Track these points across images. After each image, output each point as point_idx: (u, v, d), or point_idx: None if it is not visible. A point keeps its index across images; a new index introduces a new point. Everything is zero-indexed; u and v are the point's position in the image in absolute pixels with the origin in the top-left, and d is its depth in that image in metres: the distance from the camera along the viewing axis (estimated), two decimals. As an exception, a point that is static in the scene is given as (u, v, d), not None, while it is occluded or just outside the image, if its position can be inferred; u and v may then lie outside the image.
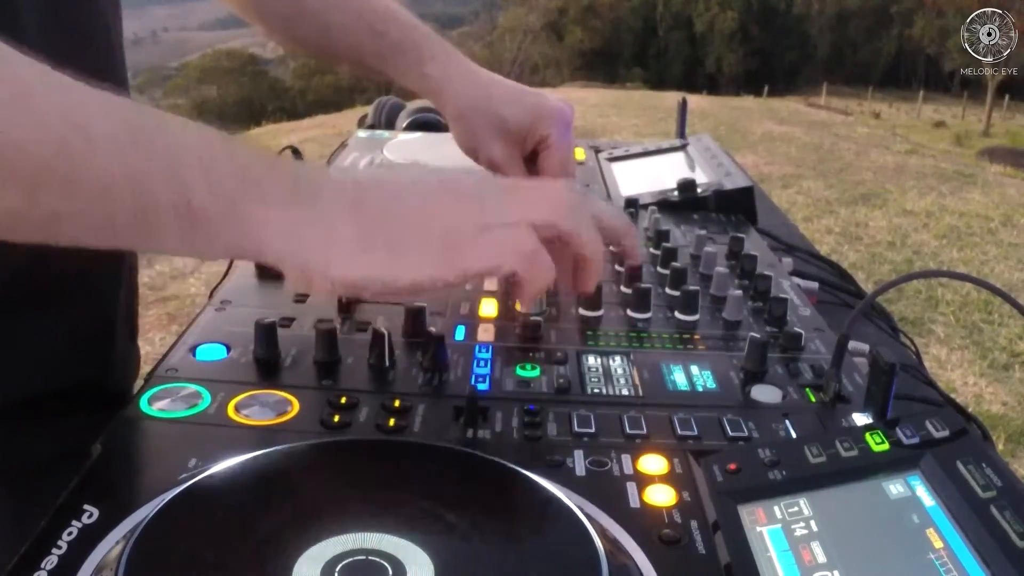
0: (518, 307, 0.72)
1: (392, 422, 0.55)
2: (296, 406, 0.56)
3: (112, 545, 0.42)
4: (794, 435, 0.56)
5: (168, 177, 0.42)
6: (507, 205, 0.48)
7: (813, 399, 0.61)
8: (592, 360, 0.65)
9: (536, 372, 0.63)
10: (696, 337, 0.70)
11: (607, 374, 0.63)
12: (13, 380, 0.63)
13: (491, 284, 0.78)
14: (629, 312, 0.74)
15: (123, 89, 0.72)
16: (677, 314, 0.73)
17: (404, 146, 1.18)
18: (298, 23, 0.83)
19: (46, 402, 0.65)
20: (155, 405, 0.56)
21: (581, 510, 0.45)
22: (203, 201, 0.43)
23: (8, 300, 0.61)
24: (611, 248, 0.59)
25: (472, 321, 0.71)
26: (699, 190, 1.06)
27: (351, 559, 0.40)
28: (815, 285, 0.90)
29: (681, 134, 1.30)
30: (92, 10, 0.65)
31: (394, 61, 0.82)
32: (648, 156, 1.25)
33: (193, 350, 0.63)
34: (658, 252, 0.86)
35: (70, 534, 0.43)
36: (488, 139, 0.80)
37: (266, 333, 0.62)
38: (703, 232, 0.90)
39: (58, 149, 0.39)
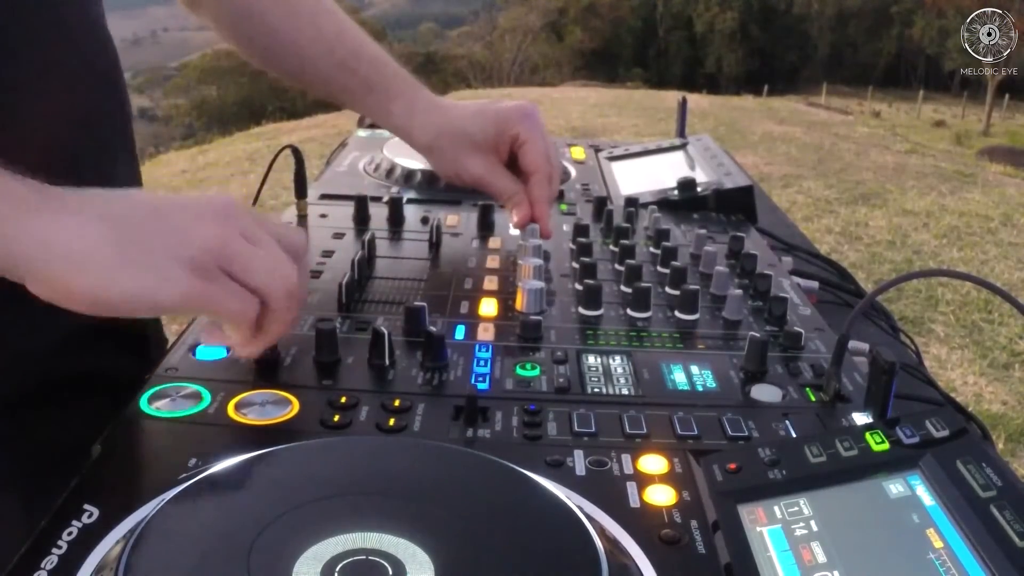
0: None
1: (392, 422, 0.55)
2: (296, 406, 0.56)
3: (112, 545, 0.42)
4: (794, 435, 0.56)
5: None
6: (259, 265, 0.51)
7: (813, 399, 0.61)
8: (592, 359, 0.65)
9: (536, 372, 0.63)
10: (696, 336, 0.70)
11: (607, 373, 0.63)
12: (23, 369, 0.63)
13: (491, 284, 0.78)
14: (629, 311, 0.74)
15: (117, 86, 0.72)
16: (677, 313, 0.73)
17: (404, 145, 1.18)
18: (274, 53, 0.86)
19: (48, 395, 0.65)
20: (155, 405, 0.56)
21: (581, 510, 0.45)
22: None
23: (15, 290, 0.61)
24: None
25: (472, 320, 0.71)
26: (699, 189, 1.06)
27: (351, 559, 0.40)
28: (815, 284, 0.90)
29: (681, 133, 1.30)
30: (76, 9, 0.65)
31: (362, 97, 0.86)
32: (648, 155, 1.25)
33: (193, 350, 0.63)
34: (658, 251, 0.86)
35: (70, 534, 0.43)
36: (464, 158, 0.83)
37: (266, 333, 0.61)
38: (703, 231, 0.90)
39: None
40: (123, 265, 0.47)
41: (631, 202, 1.01)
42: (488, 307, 0.73)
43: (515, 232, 0.91)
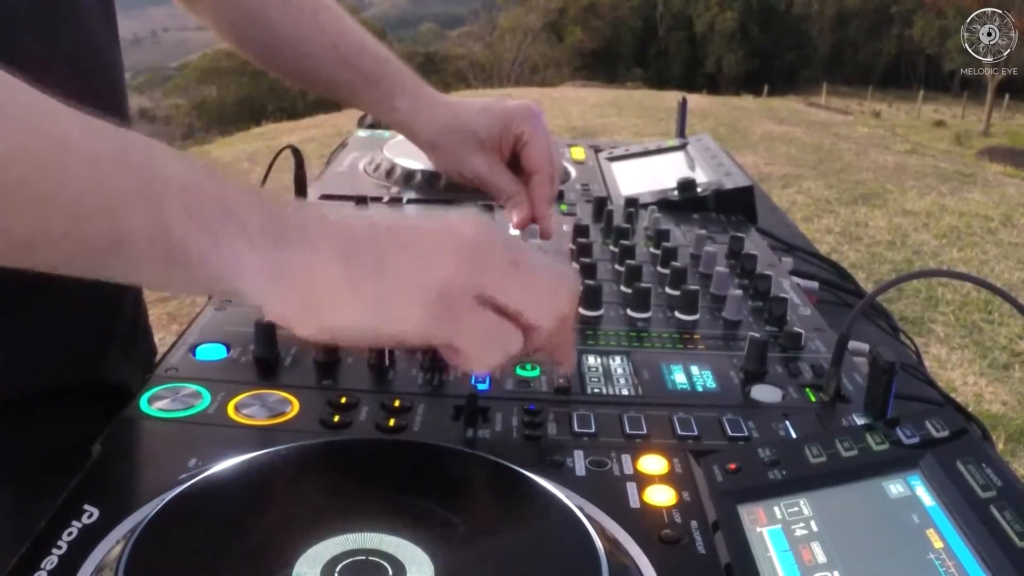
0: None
1: (392, 422, 0.55)
2: (296, 406, 0.56)
3: (112, 545, 0.42)
4: (794, 435, 0.56)
5: (147, 203, 0.41)
6: (512, 289, 0.46)
7: (813, 399, 0.61)
8: (592, 360, 0.65)
9: (536, 372, 0.63)
10: (696, 337, 0.70)
11: (607, 374, 0.63)
12: (13, 376, 0.63)
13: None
14: (629, 312, 0.74)
15: (119, 100, 0.72)
16: (677, 314, 0.73)
17: (404, 145, 1.18)
18: (274, 51, 0.85)
19: (47, 398, 0.65)
20: (155, 405, 0.56)
21: (581, 510, 0.45)
22: (181, 232, 0.41)
23: (7, 295, 0.61)
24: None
25: (472, 321, 0.70)
26: (699, 189, 1.06)
27: (351, 559, 0.40)
28: (815, 285, 0.90)
29: (681, 133, 1.30)
30: (78, 23, 0.65)
31: (366, 94, 0.85)
32: (648, 156, 1.25)
33: (193, 350, 0.63)
34: (658, 252, 0.86)
35: (70, 534, 0.43)
36: (467, 155, 0.83)
37: (266, 333, 0.62)
38: (703, 232, 0.90)
39: (35, 166, 0.38)
40: (353, 301, 0.44)
41: (631, 202, 1.01)
42: (488, 307, 0.73)
43: (515, 232, 0.91)
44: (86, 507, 0.45)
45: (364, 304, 0.44)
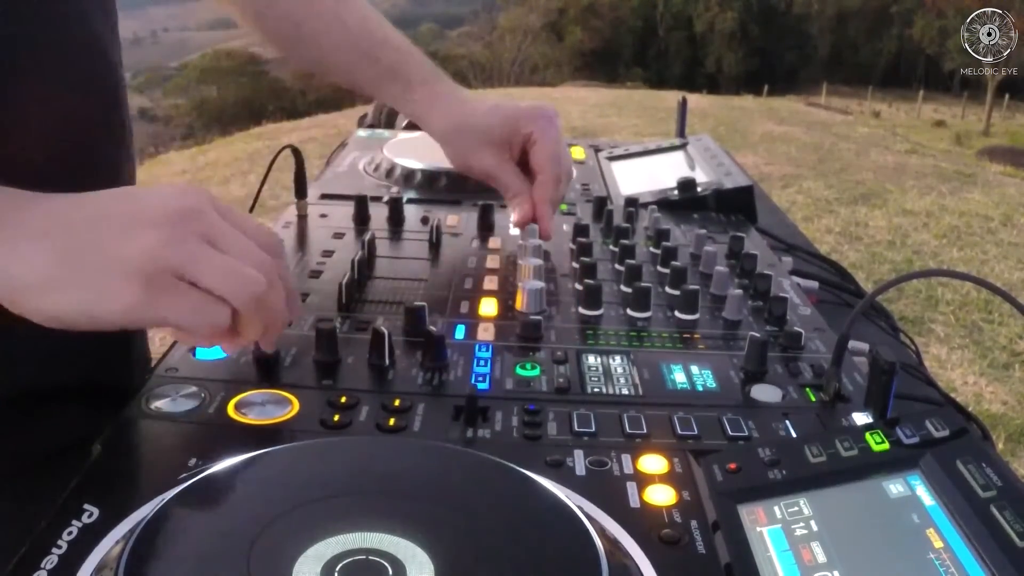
0: None
1: (392, 422, 0.55)
2: (296, 406, 0.56)
3: (112, 545, 0.42)
4: (794, 435, 0.56)
5: None
6: (205, 267, 0.47)
7: (813, 399, 0.61)
8: (592, 359, 0.65)
9: (536, 371, 0.63)
10: (696, 336, 0.70)
11: (607, 373, 0.63)
12: (14, 374, 0.63)
13: (491, 284, 0.78)
14: (629, 311, 0.74)
15: (120, 99, 0.72)
16: (677, 313, 0.73)
17: (404, 145, 1.18)
18: (297, 44, 0.88)
19: (47, 398, 0.65)
20: (155, 405, 0.56)
21: (581, 510, 0.45)
22: None
23: None
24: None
25: (472, 320, 0.71)
26: (699, 189, 1.06)
27: (351, 559, 0.40)
28: (815, 284, 0.90)
29: (681, 133, 1.30)
30: (80, 23, 0.65)
31: (385, 86, 0.87)
32: (648, 155, 1.25)
33: (193, 349, 0.63)
34: (658, 251, 0.86)
35: (70, 534, 0.43)
36: (478, 151, 0.85)
37: (266, 333, 0.61)
38: (703, 231, 0.90)
39: None
40: (60, 284, 0.46)
41: (631, 202, 1.01)
42: (488, 307, 0.73)
43: (515, 232, 0.91)
44: (86, 507, 0.45)
45: (70, 287, 0.46)
